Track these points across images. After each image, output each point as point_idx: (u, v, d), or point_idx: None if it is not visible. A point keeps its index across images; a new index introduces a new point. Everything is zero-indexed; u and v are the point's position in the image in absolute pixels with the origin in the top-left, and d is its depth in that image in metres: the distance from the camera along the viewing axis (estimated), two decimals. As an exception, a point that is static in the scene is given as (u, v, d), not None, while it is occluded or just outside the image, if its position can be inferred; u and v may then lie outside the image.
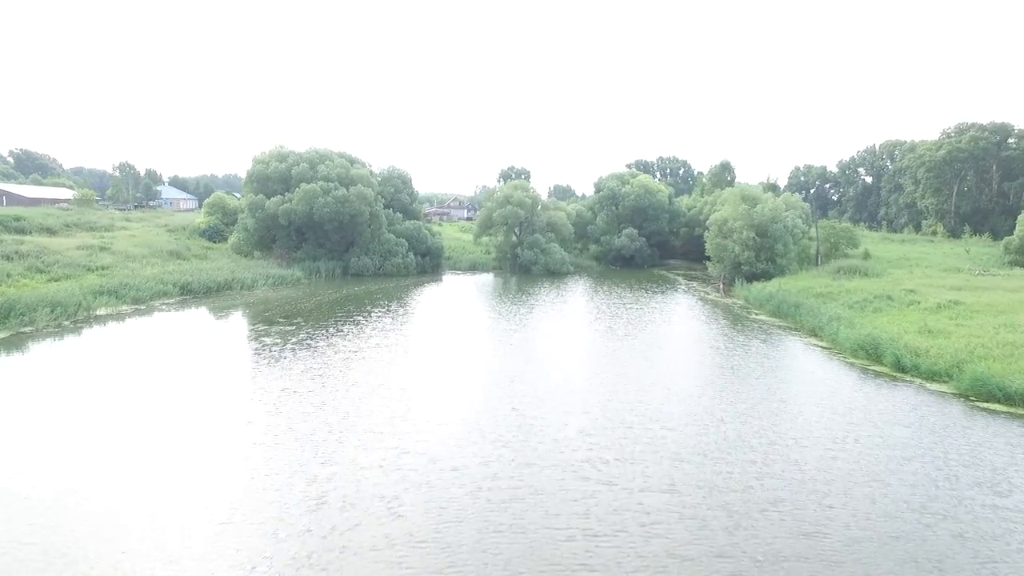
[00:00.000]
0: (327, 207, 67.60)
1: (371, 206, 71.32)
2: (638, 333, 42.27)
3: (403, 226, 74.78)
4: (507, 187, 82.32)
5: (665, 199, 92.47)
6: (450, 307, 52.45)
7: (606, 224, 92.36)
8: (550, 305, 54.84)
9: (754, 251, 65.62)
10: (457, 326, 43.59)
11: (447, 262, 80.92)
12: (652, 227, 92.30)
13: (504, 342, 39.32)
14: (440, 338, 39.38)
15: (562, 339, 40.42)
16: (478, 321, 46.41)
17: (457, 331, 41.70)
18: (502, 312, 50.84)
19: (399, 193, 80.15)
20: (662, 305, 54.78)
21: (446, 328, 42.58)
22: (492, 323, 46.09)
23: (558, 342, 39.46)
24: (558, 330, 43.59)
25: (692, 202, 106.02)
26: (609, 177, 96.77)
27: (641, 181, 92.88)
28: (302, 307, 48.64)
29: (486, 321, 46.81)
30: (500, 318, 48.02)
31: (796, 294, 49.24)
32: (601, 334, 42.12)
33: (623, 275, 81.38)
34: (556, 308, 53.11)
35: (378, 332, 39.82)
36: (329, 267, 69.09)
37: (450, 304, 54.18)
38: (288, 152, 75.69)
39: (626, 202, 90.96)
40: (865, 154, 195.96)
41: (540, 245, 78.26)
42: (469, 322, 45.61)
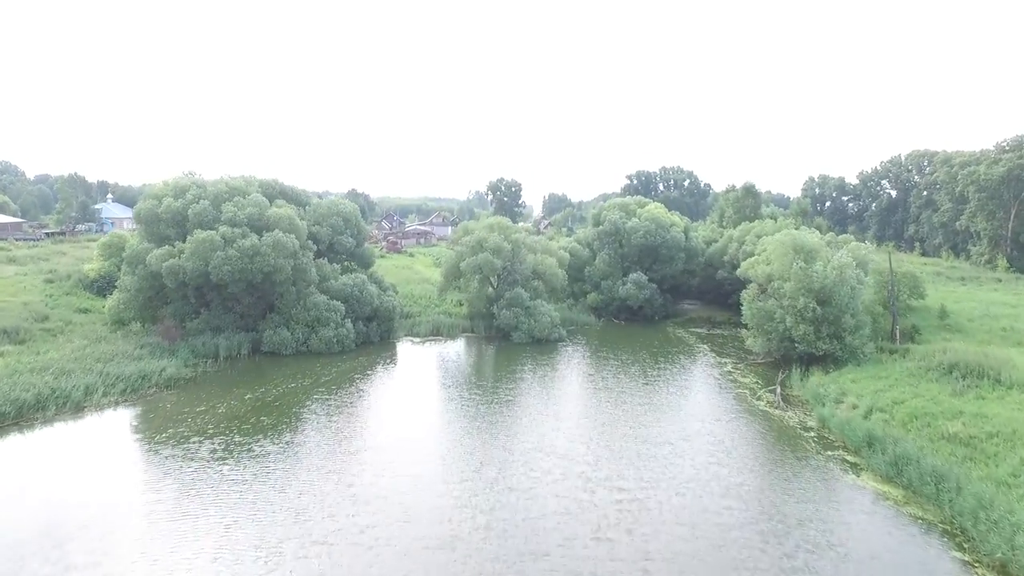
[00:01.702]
0: (228, 263, 49.40)
1: (295, 258, 53.13)
2: (647, 515, 24.00)
3: (340, 282, 56.49)
4: (483, 226, 64.26)
5: (680, 234, 74.42)
6: (385, 430, 34.20)
7: (607, 266, 74.30)
8: (531, 412, 36.60)
9: (813, 325, 47.73)
10: (390, 487, 25.37)
11: (405, 323, 62.71)
12: (665, 270, 74.34)
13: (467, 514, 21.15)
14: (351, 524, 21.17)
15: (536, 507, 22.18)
16: (425, 474, 28.20)
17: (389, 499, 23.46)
18: (463, 437, 32.59)
19: (340, 235, 61.83)
20: (684, 422, 36.43)
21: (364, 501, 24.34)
22: (445, 471, 27.86)
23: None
24: (530, 484, 25.32)
25: (709, 233, 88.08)
26: (611, 206, 78.72)
27: (651, 213, 74.82)
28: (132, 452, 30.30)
29: (435, 469, 28.60)
30: (457, 455, 29.82)
31: (926, 437, 30.86)
32: (599, 487, 23.87)
33: (629, 337, 63.31)
34: (534, 421, 34.73)
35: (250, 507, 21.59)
36: (233, 345, 50.93)
37: (387, 421, 35.95)
38: (191, 183, 57.45)
39: (633, 239, 72.94)
40: (889, 165, 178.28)
41: (523, 303, 60.20)
42: (412, 474, 27.42)
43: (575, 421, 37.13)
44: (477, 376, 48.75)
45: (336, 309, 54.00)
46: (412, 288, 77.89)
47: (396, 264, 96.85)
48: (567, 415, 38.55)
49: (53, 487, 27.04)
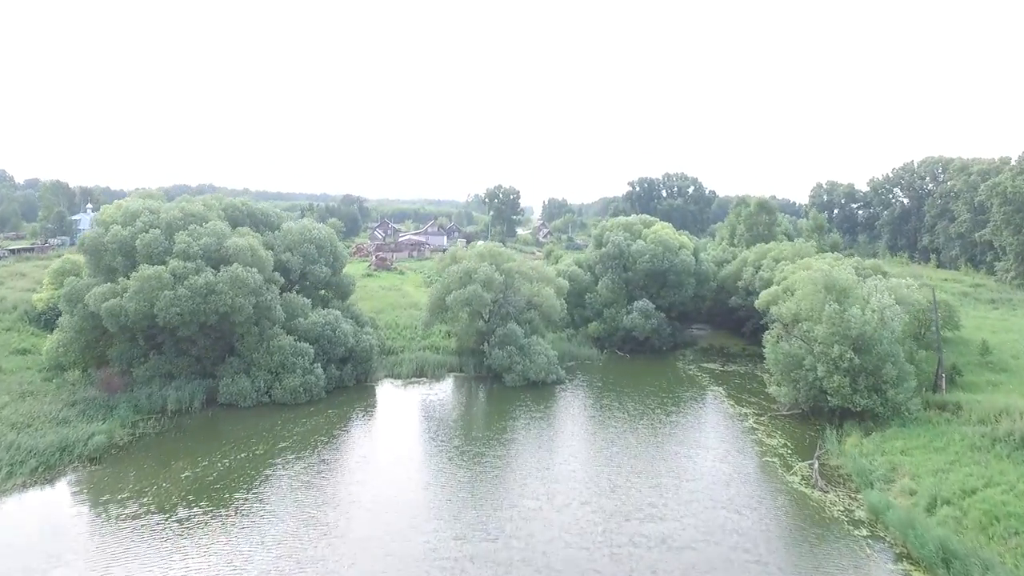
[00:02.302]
0: (177, 305, 43.01)
1: (258, 295, 46.73)
2: None
3: (310, 321, 50.06)
4: (473, 254, 57.86)
5: (690, 258, 67.95)
6: (353, 521, 27.72)
7: (611, 293, 67.86)
8: (516, 493, 30.14)
9: (849, 375, 41.30)
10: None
11: (386, 361, 56.31)
12: (673, 296, 67.89)
13: None
14: None
15: None
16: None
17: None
18: (446, 511, 26.07)
19: (313, 263, 55.40)
20: (706, 512, 29.90)
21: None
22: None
23: None
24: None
25: (720, 252, 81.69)
26: (614, 226, 72.29)
27: (658, 234, 68.37)
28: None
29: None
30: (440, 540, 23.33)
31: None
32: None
33: (634, 377, 56.94)
34: (519, 513, 28.21)
35: None
36: (185, 396, 44.51)
37: (356, 510, 29.46)
38: (143, 208, 51.06)
39: (638, 263, 66.51)
40: (902, 172, 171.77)
41: (517, 340, 53.82)
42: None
43: (571, 514, 30.62)
44: (463, 434, 42.32)
45: (304, 353, 47.55)
46: (397, 315, 71.43)
47: (383, 285, 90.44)
48: (561, 500, 32.07)
49: None
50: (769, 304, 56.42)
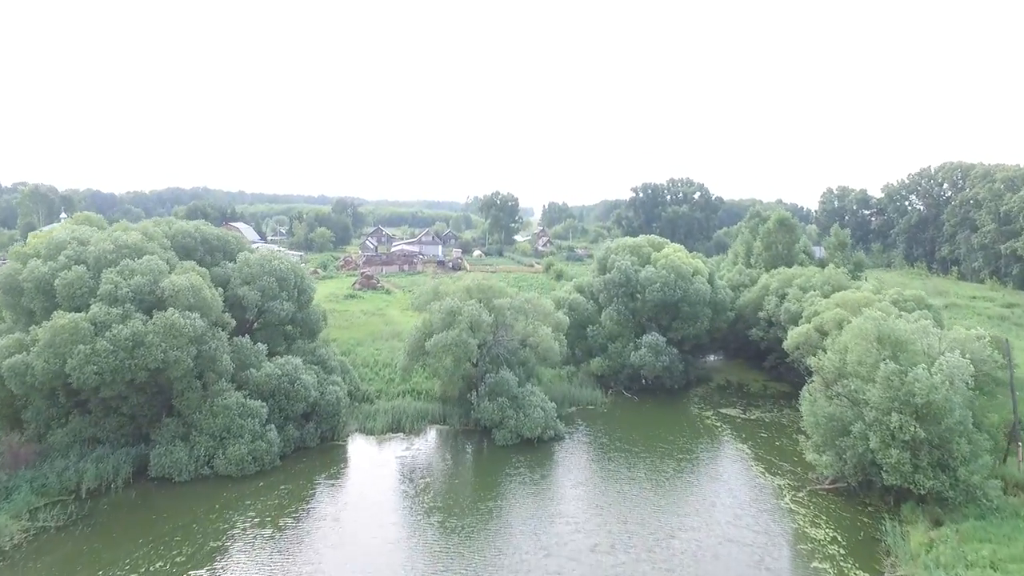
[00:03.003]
0: (95, 362, 35.51)
1: (200, 344, 39.28)
2: None
3: (264, 372, 42.51)
4: (459, 289, 50.26)
5: (705, 285, 60.36)
6: None
7: (617, 325, 60.34)
8: (517, 560, 22.78)
9: (909, 450, 33.84)
10: None
11: (358, 410, 48.84)
12: (687, 329, 60.36)
13: None
14: None
15: None
16: None
17: None
18: None
19: (273, 299, 47.87)
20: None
21: None
22: None
23: None
24: None
25: (734, 274, 74.04)
26: (620, 249, 64.73)
27: (669, 259, 60.78)
28: None
29: None
30: None
31: None
32: None
33: (644, 428, 49.43)
34: None
35: None
36: (107, 470, 37.13)
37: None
38: (70, 238, 43.51)
39: (648, 293, 58.95)
40: (918, 178, 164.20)
41: (509, 390, 46.35)
42: None
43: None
44: (445, 507, 34.88)
45: (255, 413, 40.06)
46: (378, 349, 63.99)
47: (366, 308, 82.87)
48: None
49: None
50: (799, 346, 49.03)
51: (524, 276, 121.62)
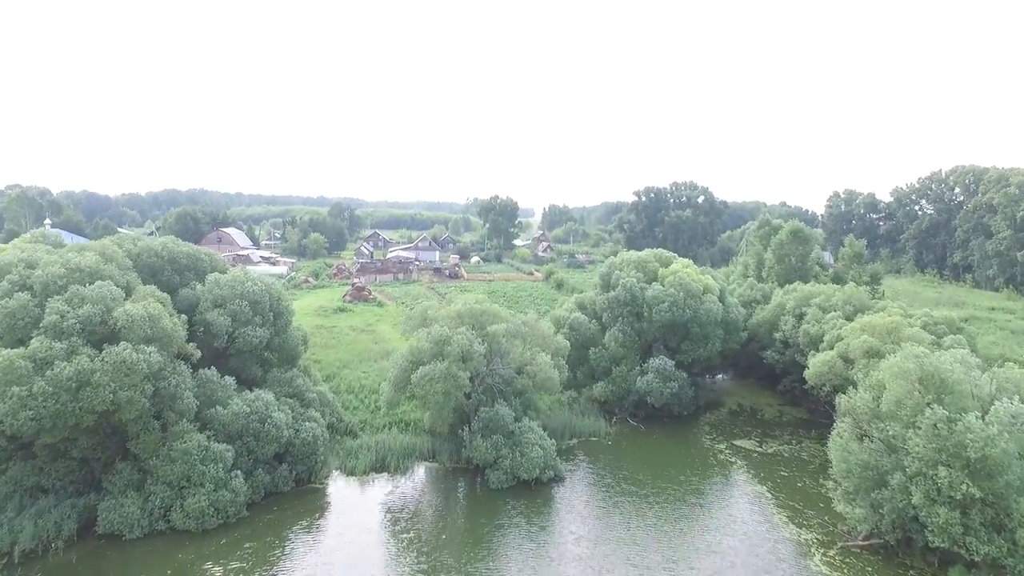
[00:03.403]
0: (31, 406, 31.25)
1: (157, 380, 35.07)
2: None
3: (231, 411, 38.23)
4: (450, 314, 45.91)
5: (716, 305, 56.11)
6: None
7: (621, 347, 56.12)
8: None
9: (959, 508, 29.61)
10: None
11: (339, 446, 44.61)
12: (697, 351, 56.10)
13: None
14: None
15: None
16: None
17: None
18: None
19: (245, 325, 43.58)
20: None
21: None
22: None
23: None
24: None
25: (745, 289, 69.73)
26: (625, 264, 60.43)
27: (678, 276, 56.51)
28: None
29: None
30: None
31: None
32: None
33: (652, 464, 45.19)
34: None
35: None
36: (47, 526, 32.89)
37: None
38: (16, 259, 39.26)
39: (655, 313, 54.69)
40: (928, 181, 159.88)
41: (505, 426, 42.11)
42: None
43: None
44: (431, 564, 30.63)
45: (218, 458, 35.83)
46: (364, 371, 59.84)
47: (355, 324, 78.56)
48: None
49: None
50: (822, 375, 44.77)
51: (523, 284, 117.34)
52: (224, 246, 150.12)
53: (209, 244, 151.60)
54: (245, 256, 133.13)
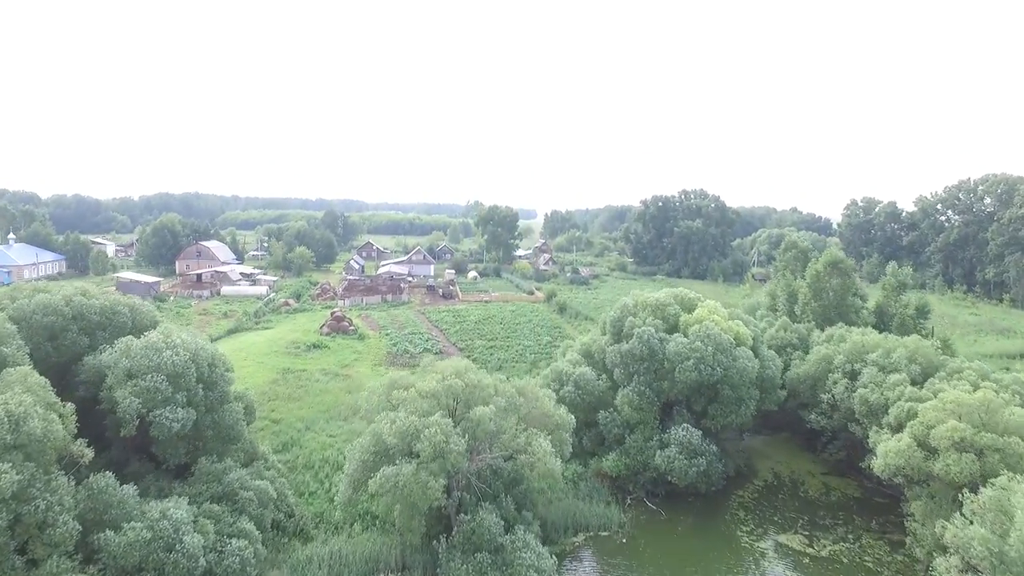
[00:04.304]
0: None
1: (19, 503, 25.73)
2: None
3: (131, 537, 28.75)
4: (420, 394, 36.11)
5: (751, 361, 46.57)
6: None
7: (637, 411, 46.63)
8: None
9: None
10: None
11: (286, 561, 35.15)
12: (728, 416, 46.58)
13: None
14: None
15: None
16: None
17: None
18: None
19: (163, 405, 34.17)
20: None
21: None
22: None
23: None
24: None
25: (777, 332, 60.11)
26: (639, 308, 50.97)
27: (704, 325, 47.01)
28: None
29: None
30: None
31: None
32: None
33: (676, 567, 35.63)
34: None
35: None
36: None
37: None
38: None
39: (679, 372, 45.21)
40: (956, 190, 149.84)
41: (491, 541, 32.66)
42: None
43: None
44: None
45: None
46: (331, 433, 50.43)
47: (330, 365, 69.01)
48: None
49: None
50: (897, 469, 35.26)
51: (523, 306, 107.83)
52: (204, 261, 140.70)
53: (188, 259, 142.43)
54: (223, 275, 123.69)
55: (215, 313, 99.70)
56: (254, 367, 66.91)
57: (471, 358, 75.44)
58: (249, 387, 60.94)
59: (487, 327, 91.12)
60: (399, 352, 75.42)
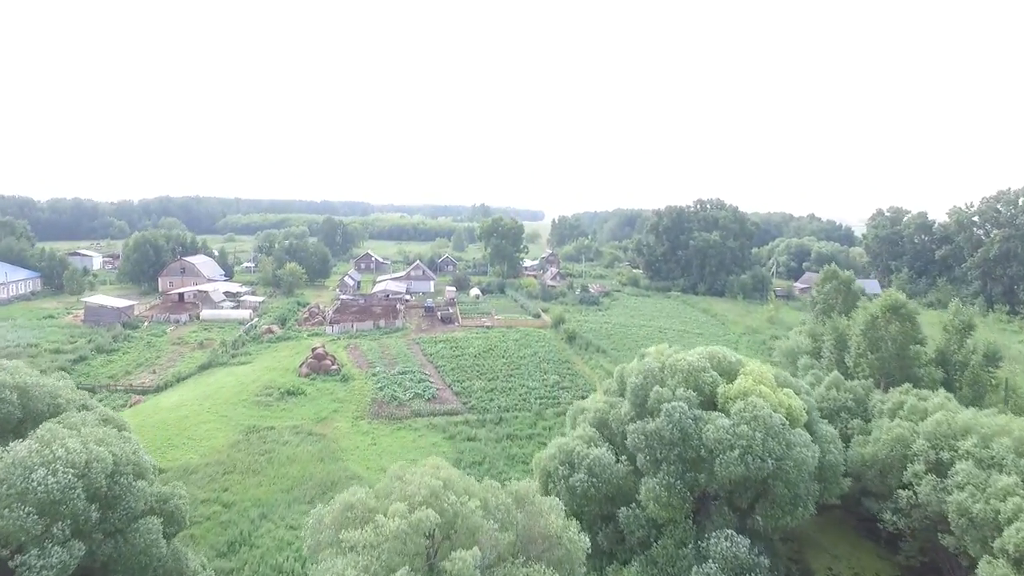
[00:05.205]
0: None
1: None
2: None
3: None
4: (393, 537, 26.77)
5: (809, 449, 37.11)
6: None
7: (665, 509, 37.28)
8: None
9: None
10: None
11: None
12: (782, 518, 37.11)
13: None
14: None
15: None
16: None
17: None
18: None
19: (30, 547, 25.10)
20: None
21: None
22: None
23: None
24: None
25: (826, 392, 50.45)
26: (668, 373, 41.51)
27: (749, 400, 37.57)
28: None
29: None
30: None
31: None
32: None
33: None
34: None
35: None
36: None
37: None
38: None
39: (723, 467, 35.83)
40: (993, 202, 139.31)
41: None
42: None
43: None
44: None
45: None
46: (292, 522, 41.31)
47: (304, 420, 59.88)
48: None
49: None
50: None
51: (528, 333, 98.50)
52: (188, 278, 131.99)
53: (171, 276, 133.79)
54: (205, 295, 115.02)
55: (190, 342, 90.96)
56: (215, 423, 58.01)
57: (468, 405, 66.40)
58: (204, 453, 52.02)
59: (488, 362, 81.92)
60: (386, 399, 66.28)
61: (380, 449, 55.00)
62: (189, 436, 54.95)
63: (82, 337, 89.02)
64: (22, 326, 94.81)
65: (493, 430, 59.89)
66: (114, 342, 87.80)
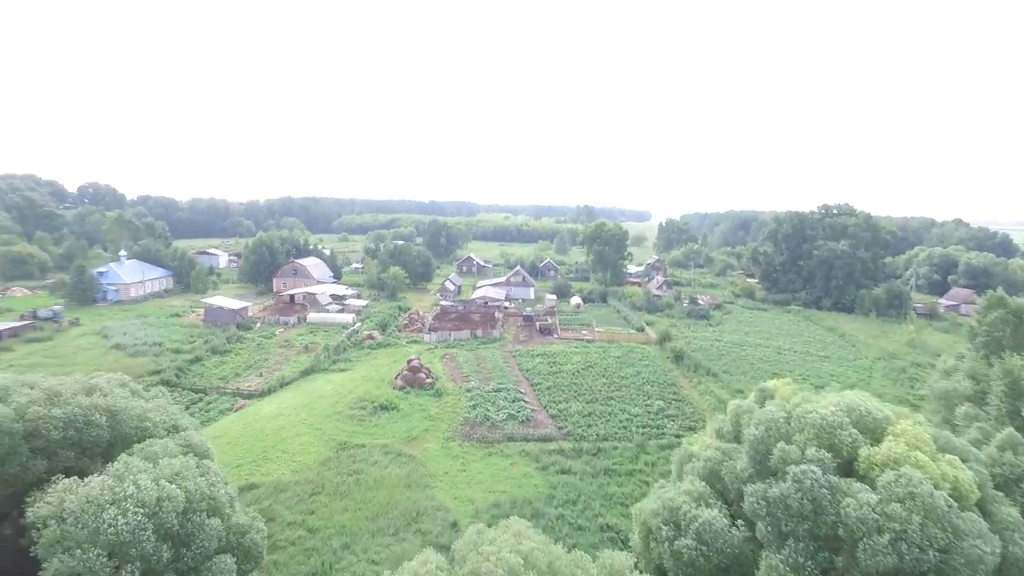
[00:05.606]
0: None
1: None
2: None
3: None
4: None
5: (982, 539, 29.65)
6: None
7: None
8: None
9: None
10: None
11: None
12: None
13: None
14: None
15: None
16: None
17: None
18: None
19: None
20: None
21: None
22: None
23: None
24: None
25: (998, 454, 41.68)
26: (795, 427, 35.36)
27: (901, 472, 30.72)
28: None
29: None
30: None
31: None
32: None
33: None
34: None
35: None
36: None
37: None
38: None
39: (867, 553, 29.56)
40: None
41: None
42: None
43: None
44: None
45: None
46: (375, 555, 39.33)
47: (395, 438, 58.38)
48: None
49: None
50: None
51: (631, 350, 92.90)
52: (299, 279, 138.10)
53: (284, 277, 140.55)
54: (313, 297, 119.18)
55: (296, 346, 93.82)
56: (309, 435, 58.01)
57: (563, 430, 62.44)
58: (296, 469, 51.68)
59: (586, 380, 77.50)
60: (479, 419, 63.78)
61: (469, 476, 52.34)
62: (283, 449, 55.11)
63: (200, 337, 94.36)
64: (151, 324, 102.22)
65: (590, 462, 55.52)
66: (228, 343, 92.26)
